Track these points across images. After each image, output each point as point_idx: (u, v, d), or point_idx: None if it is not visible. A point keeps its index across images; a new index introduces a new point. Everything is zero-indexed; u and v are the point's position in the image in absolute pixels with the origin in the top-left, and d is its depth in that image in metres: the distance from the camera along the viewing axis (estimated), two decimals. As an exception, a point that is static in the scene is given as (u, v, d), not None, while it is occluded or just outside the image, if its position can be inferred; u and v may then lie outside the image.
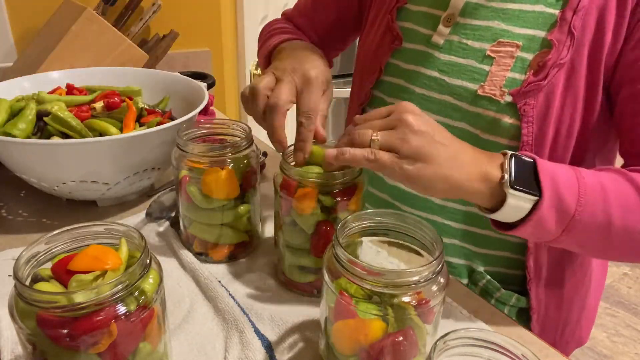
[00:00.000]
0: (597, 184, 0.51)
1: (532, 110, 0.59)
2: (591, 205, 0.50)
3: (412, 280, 0.41)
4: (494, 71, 0.61)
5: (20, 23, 1.21)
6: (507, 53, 0.60)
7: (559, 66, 0.57)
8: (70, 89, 0.84)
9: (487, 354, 0.37)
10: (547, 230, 0.51)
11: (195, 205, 0.61)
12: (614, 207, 0.51)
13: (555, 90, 0.58)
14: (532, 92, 0.58)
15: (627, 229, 0.51)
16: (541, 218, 0.49)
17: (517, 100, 0.59)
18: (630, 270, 2.30)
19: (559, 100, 0.58)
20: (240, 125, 0.64)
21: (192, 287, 0.60)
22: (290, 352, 0.51)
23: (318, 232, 0.55)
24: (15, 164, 0.69)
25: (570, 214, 0.50)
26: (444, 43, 0.65)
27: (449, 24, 0.64)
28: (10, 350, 0.49)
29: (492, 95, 0.60)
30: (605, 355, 1.82)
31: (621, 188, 0.52)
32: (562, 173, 0.51)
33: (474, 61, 0.62)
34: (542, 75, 0.58)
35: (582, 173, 0.52)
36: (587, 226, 0.51)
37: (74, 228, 0.43)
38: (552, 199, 0.49)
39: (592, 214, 0.50)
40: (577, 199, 0.50)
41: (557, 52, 0.57)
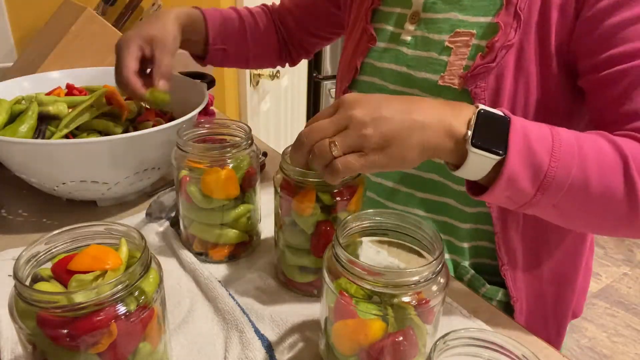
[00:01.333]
0: (572, 139, 0.49)
1: (482, 92, 0.60)
2: (566, 160, 0.47)
3: (412, 280, 0.41)
4: (452, 61, 0.62)
5: (20, 23, 1.21)
6: (462, 42, 0.62)
7: (507, 47, 0.59)
8: (70, 89, 0.84)
9: (487, 354, 0.37)
10: (521, 190, 0.48)
11: (195, 205, 0.61)
12: (590, 165, 0.48)
13: (506, 72, 0.59)
14: (481, 74, 0.60)
15: (604, 188, 0.49)
16: (512, 175, 0.47)
17: (468, 84, 0.60)
18: (630, 270, 2.30)
19: (510, 81, 0.59)
20: (240, 125, 0.64)
21: (192, 287, 0.60)
22: (290, 352, 0.51)
23: (318, 232, 0.55)
24: (15, 164, 0.69)
25: (544, 169, 0.47)
26: (411, 39, 0.67)
27: (415, 20, 0.67)
28: (10, 350, 0.49)
29: (451, 85, 0.62)
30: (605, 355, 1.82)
31: (599, 146, 0.50)
32: (536, 128, 0.49)
33: (434, 53, 0.64)
34: (490, 58, 0.59)
35: (557, 129, 0.49)
36: (562, 183, 0.48)
37: (74, 228, 0.43)
38: (522, 153, 0.47)
39: (567, 169, 0.47)
40: (551, 153, 0.47)
41: (504, 34, 0.59)
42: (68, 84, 0.85)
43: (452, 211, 0.68)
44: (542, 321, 0.71)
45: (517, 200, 0.49)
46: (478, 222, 0.67)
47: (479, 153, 0.46)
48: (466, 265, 0.69)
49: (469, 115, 0.48)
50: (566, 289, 0.71)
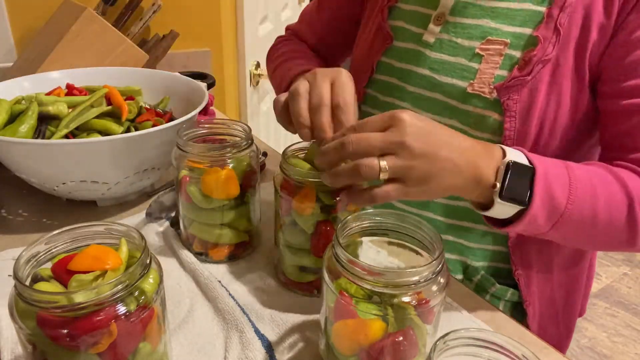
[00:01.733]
0: (586, 181, 0.53)
1: (515, 105, 0.59)
2: (580, 202, 0.52)
3: (412, 280, 0.41)
4: (482, 69, 0.61)
5: (20, 23, 1.21)
6: (495, 51, 0.61)
7: (544, 62, 0.58)
8: (70, 89, 0.84)
9: (487, 354, 0.37)
10: (538, 227, 0.52)
11: (195, 205, 0.61)
12: (600, 204, 0.53)
13: (540, 86, 0.59)
14: (516, 87, 0.59)
15: (609, 224, 0.53)
16: (532, 218, 0.51)
17: (501, 95, 0.60)
18: (630, 270, 2.30)
19: (543, 96, 0.59)
20: (240, 125, 0.64)
21: (192, 287, 0.60)
22: (290, 352, 0.51)
23: (318, 232, 0.55)
24: (15, 164, 0.69)
25: (560, 211, 0.51)
26: (435, 41, 0.65)
27: (440, 22, 0.65)
28: (10, 350, 0.49)
29: (481, 93, 0.61)
30: (605, 355, 1.82)
31: (609, 185, 0.54)
32: (555, 173, 0.52)
33: (463, 59, 0.63)
34: (526, 71, 0.59)
35: (572, 169, 0.53)
36: (574, 222, 0.52)
37: (74, 228, 0.43)
38: (544, 200, 0.50)
39: (580, 210, 0.52)
40: (568, 197, 0.51)
41: (542, 48, 0.58)
42: (68, 84, 0.85)
43: (468, 214, 0.67)
44: (554, 323, 0.71)
45: (531, 232, 0.55)
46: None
47: (505, 204, 0.50)
48: (477, 266, 0.69)
49: (498, 162, 0.50)
50: (574, 291, 0.72)
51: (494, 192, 0.49)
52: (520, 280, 0.67)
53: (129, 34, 1.28)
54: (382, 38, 0.70)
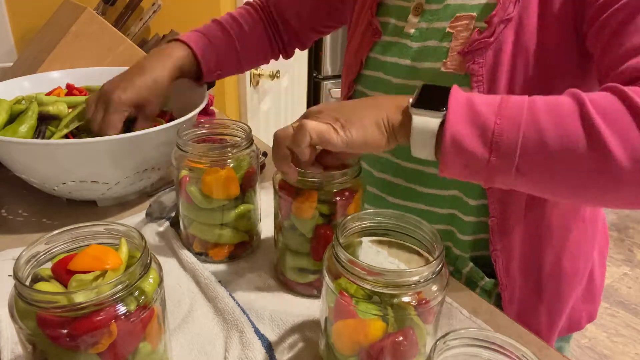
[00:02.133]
0: (523, 98, 0.47)
1: (480, 69, 0.59)
2: (512, 115, 0.45)
3: (412, 280, 0.41)
4: (453, 46, 0.62)
5: (20, 23, 1.21)
6: (463, 26, 0.61)
7: (506, 22, 0.58)
8: (70, 89, 0.84)
9: (487, 354, 0.37)
10: (472, 153, 0.46)
11: (195, 205, 0.61)
12: (543, 116, 0.45)
13: (504, 47, 0.58)
14: (479, 50, 0.59)
15: (562, 138, 0.44)
16: (455, 134, 0.45)
17: (466, 60, 0.60)
18: (630, 270, 2.30)
19: (508, 57, 0.58)
20: (240, 125, 0.64)
21: (192, 287, 0.60)
22: (290, 352, 0.51)
23: (318, 235, 0.55)
24: (15, 164, 0.69)
25: (490, 126, 0.45)
26: (415, 32, 0.66)
27: (418, 12, 0.66)
28: (10, 350, 0.49)
29: (453, 70, 0.61)
30: (605, 355, 1.82)
31: (554, 99, 0.46)
32: (485, 96, 0.48)
33: (435, 41, 0.64)
34: (488, 33, 0.58)
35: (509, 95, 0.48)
36: (514, 140, 0.45)
37: (74, 228, 0.43)
38: (464, 112, 0.46)
39: (516, 123, 0.45)
40: (497, 112, 0.45)
41: (502, 8, 0.58)
42: (68, 84, 0.85)
43: (455, 204, 0.68)
44: (534, 314, 0.71)
45: (474, 167, 0.47)
46: (480, 215, 0.67)
47: (418, 112, 0.48)
48: (466, 257, 0.69)
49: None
50: (566, 286, 0.71)
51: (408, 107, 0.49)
52: (497, 262, 0.66)
53: (129, 34, 1.28)
54: (371, 33, 0.71)
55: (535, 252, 0.67)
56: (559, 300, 0.71)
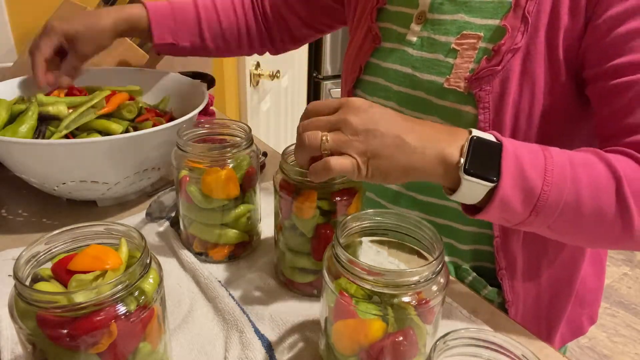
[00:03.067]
0: (566, 162, 0.49)
1: (487, 96, 0.59)
2: (558, 183, 0.48)
3: (412, 280, 0.41)
4: (458, 63, 0.61)
5: (20, 23, 1.21)
6: (469, 45, 0.61)
7: (513, 51, 0.58)
8: (70, 89, 0.84)
9: (487, 354, 0.37)
10: (514, 212, 0.49)
11: (195, 205, 0.61)
12: (583, 187, 0.49)
13: (511, 76, 0.58)
14: (486, 77, 0.59)
15: (597, 209, 0.49)
16: (504, 198, 0.48)
17: (472, 87, 0.60)
18: (630, 270, 2.30)
19: (515, 86, 0.59)
20: (240, 125, 0.64)
21: (192, 287, 0.60)
22: (290, 352, 0.51)
23: (318, 235, 0.55)
24: (15, 164, 0.69)
25: (537, 193, 0.48)
26: (417, 40, 0.66)
27: (421, 21, 0.66)
28: (10, 350, 0.49)
29: (457, 88, 0.61)
30: (605, 355, 1.82)
31: (592, 167, 0.50)
32: (528, 152, 0.49)
33: (440, 55, 0.63)
34: (495, 61, 0.59)
35: (550, 151, 0.50)
36: (555, 206, 0.49)
37: (74, 228, 0.43)
38: (515, 178, 0.47)
39: (560, 192, 0.48)
40: (544, 177, 0.48)
41: (511, 37, 0.58)
42: (68, 84, 0.85)
43: (454, 214, 0.68)
44: (535, 322, 0.71)
45: (511, 220, 0.51)
46: (480, 227, 0.67)
47: (471, 180, 0.47)
48: (467, 267, 0.69)
49: (463, 141, 0.49)
50: (562, 294, 0.72)
51: (459, 168, 0.47)
52: (503, 281, 0.67)
53: (129, 34, 1.28)
54: (372, 39, 0.71)
55: (534, 266, 0.68)
56: (556, 308, 0.72)
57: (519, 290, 0.68)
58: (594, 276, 0.77)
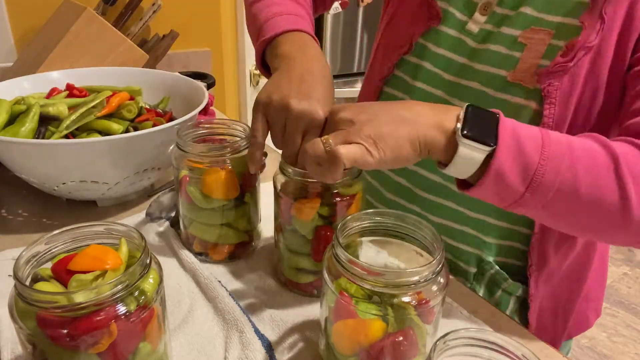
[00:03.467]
0: (563, 141, 0.49)
1: (555, 91, 0.58)
2: (555, 160, 0.47)
3: (412, 280, 0.41)
4: (525, 58, 0.60)
5: (20, 23, 1.21)
6: (539, 40, 0.60)
7: (587, 49, 0.57)
8: (70, 89, 0.84)
9: (487, 354, 0.37)
10: (510, 186, 0.48)
11: (195, 205, 0.61)
12: (580, 166, 0.48)
13: (580, 73, 0.58)
14: (557, 73, 0.58)
15: (595, 190, 0.48)
16: (500, 169, 0.46)
17: (541, 81, 0.59)
18: (630, 270, 2.30)
19: (581, 84, 0.58)
20: (240, 125, 0.64)
21: (192, 287, 0.60)
22: (290, 352, 0.51)
23: (318, 236, 0.55)
24: (15, 164, 0.69)
25: (533, 167, 0.47)
26: (479, 31, 0.64)
27: (486, 12, 0.64)
28: (10, 350, 0.49)
29: (521, 82, 0.60)
30: (605, 355, 1.82)
31: (590, 148, 0.50)
32: (525, 127, 0.49)
33: (504, 48, 0.62)
34: (569, 57, 0.57)
35: (548, 131, 0.50)
36: (551, 183, 0.47)
37: (74, 228, 0.43)
38: (511, 148, 0.47)
39: (557, 169, 0.47)
40: (541, 152, 0.47)
41: (586, 34, 0.57)
42: (68, 84, 0.85)
43: (487, 207, 0.66)
44: (552, 317, 0.71)
45: (505, 197, 0.49)
46: (514, 223, 0.66)
47: (468, 144, 0.46)
48: (491, 260, 0.69)
49: (458, 111, 0.49)
50: (574, 287, 0.72)
51: (455, 132, 0.47)
52: (531, 276, 0.66)
53: (129, 34, 1.28)
54: (428, 16, 0.67)
55: (559, 260, 0.68)
56: (569, 303, 0.72)
57: (542, 285, 0.68)
58: (599, 270, 0.77)
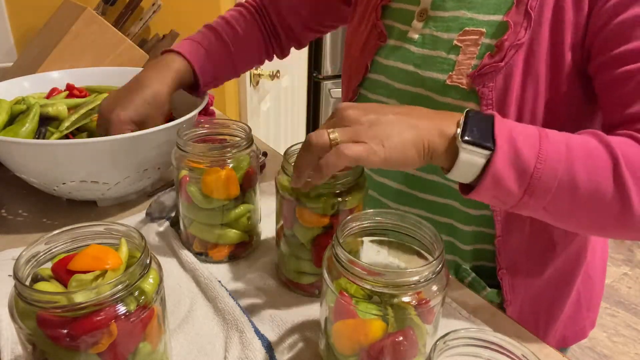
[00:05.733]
0: (561, 141, 0.49)
1: (490, 92, 0.59)
2: (552, 162, 0.47)
3: (412, 280, 0.41)
4: (460, 60, 0.61)
5: (20, 23, 1.21)
6: (472, 41, 0.61)
7: (516, 47, 0.57)
8: (70, 89, 0.84)
9: (487, 354, 0.37)
10: (508, 190, 0.48)
11: (195, 205, 0.61)
12: (579, 166, 0.48)
13: (514, 72, 0.58)
14: (489, 74, 0.59)
15: (594, 190, 0.48)
16: (497, 174, 0.47)
17: (475, 83, 0.59)
18: (630, 270, 2.30)
19: (518, 82, 0.58)
20: (240, 125, 0.64)
21: (192, 287, 0.60)
22: (290, 352, 0.51)
23: (319, 243, 0.55)
24: (15, 164, 0.69)
25: (530, 171, 0.47)
26: (418, 37, 0.66)
27: (422, 18, 0.66)
28: (10, 350, 0.49)
29: (459, 84, 0.61)
30: (605, 355, 1.82)
31: (589, 146, 0.49)
32: (523, 129, 0.49)
33: (442, 52, 0.63)
34: (498, 57, 0.58)
35: (546, 131, 0.50)
36: (549, 186, 0.48)
37: (74, 228, 0.43)
38: (508, 153, 0.47)
39: (554, 172, 0.47)
40: (537, 155, 0.47)
41: (514, 33, 0.57)
42: (68, 84, 0.85)
43: (456, 213, 0.67)
44: (533, 319, 0.71)
45: (505, 200, 0.50)
46: (481, 225, 0.67)
47: (468, 149, 0.47)
48: (467, 267, 0.69)
49: (459, 117, 0.49)
50: (563, 291, 0.71)
51: (456, 138, 0.48)
52: (503, 280, 0.66)
53: (129, 34, 1.28)
54: (377, 37, 0.70)
55: (538, 262, 0.68)
56: (555, 306, 0.72)
57: (520, 288, 0.67)
58: (599, 280, 0.77)
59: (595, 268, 0.76)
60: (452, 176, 0.50)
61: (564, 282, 0.71)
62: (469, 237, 0.68)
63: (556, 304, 0.72)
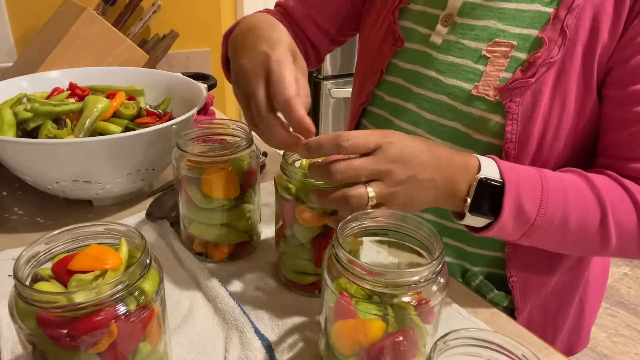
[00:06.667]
0: (559, 189, 0.54)
1: (517, 107, 0.58)
2: (550, 216, 0.53)
3: (412, 280, 0.41)
4: (488, 71, 0.60)
5: (20, 23, 1.21)
6: (502, 53, 0.60)
7: (549, 65, 0.57)
8: (73, 88, 0.84)
9: (487, 354, 0.37)
10: (509, 234, 0.55)
11: (195, 205, 0.61)
12: (572, 218, 0.54)
13: (544, 90, 0.58)
14: (519, 89, 0.58)
15: (581, 229, 0.55)
16: (502, 227, 0.53)
17: (503, 97, 0.59)
18: (630, 270, 2.30)
19: (546, 100, 0.58)
20: (240, 125, 0.64)
21: (192, 287, 0.60)
22: (290, 352, 0.51)
23: (319, 243, 0.55)
24: (8, 162, 0.69)
25: (530, 222, 0.53)
26: (442, 43, 0.64)
27: (447, 23, 0.64)
28: (10, 350, 0.49)
29: (485, 95, 0.60)
30: (605, 355, 1.82)
31: (582, 195, 0.55)
32: (527, 181, 0.53)
33: (469, 61, 0.62)
34: (530, 73, 0.57)
35: (548, 182, 0.54)
36: (545, 231, 0.54)
37: (74, 228, 0.43)
38: (513, 211, 0.52)
39: (551, 221, 0.54)
40: (538, 209, 0.53)
41: (547, 50, 0.57)
42: (71, 83, 0.85)
43: None
44: (541, 329, 0.71)
45: (504, 238, 0.57)
46: None
47: (474, 217, 0.54)
48: (475, 271, 0.69)
49: (472, 176, 0.52)
50: (566, 300, 0.71)
51: (465, 206, 0.53)
52: (514, 288, 0.66)
53: (129, 34, 1.28)
54: (393, 40, 0.69)
55: (546, 272, 0.68)
56: (561, 315, 0.72)
57: (529, 297, 0.67)
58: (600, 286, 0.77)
59: (596, 275, 0.75)
60: (461, 223, 0.56)
61: (568, 291, 0.71)
62: (478, 243, 0.68)
63: (562, 313, 0.71)
